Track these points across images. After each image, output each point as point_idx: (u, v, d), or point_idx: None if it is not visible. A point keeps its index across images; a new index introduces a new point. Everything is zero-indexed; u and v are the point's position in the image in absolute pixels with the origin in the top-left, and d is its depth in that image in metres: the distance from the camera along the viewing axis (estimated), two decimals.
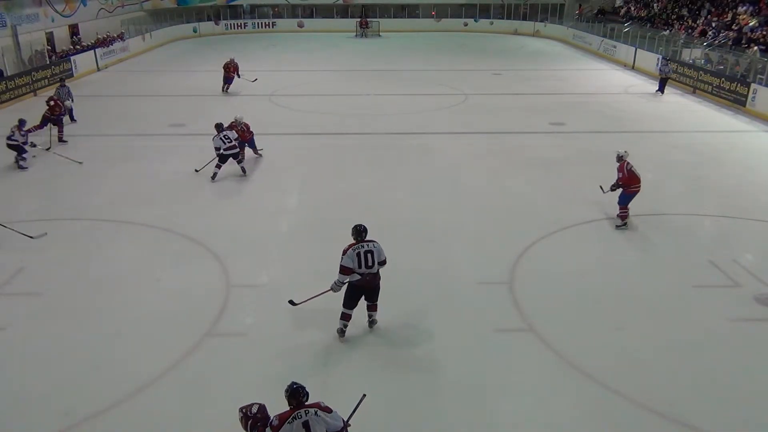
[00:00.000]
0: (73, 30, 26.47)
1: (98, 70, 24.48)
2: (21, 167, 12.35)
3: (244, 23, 38.58)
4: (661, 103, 18.95)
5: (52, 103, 14.08)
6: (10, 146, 12.34)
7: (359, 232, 6.58)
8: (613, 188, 9.66)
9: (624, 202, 9.62)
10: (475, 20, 39.49)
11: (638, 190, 9.56)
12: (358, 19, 37.37)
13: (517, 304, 7.48)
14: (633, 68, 25.00)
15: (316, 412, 4.36)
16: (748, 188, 11.57)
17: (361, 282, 6.49)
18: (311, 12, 39.45)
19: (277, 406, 4.50)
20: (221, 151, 11.46)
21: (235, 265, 8.40)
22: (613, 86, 21.86)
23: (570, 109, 17.84)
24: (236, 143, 11.65)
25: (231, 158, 11.61)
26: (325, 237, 9.38)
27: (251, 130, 12.84)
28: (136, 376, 6.13)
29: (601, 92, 20.73)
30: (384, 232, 9.50)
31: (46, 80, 20.36)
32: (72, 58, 22.78)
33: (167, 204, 10.68)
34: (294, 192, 11.35)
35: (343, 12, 39.52)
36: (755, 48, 19.79)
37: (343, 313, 6.69)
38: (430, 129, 15.83)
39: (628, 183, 9.48)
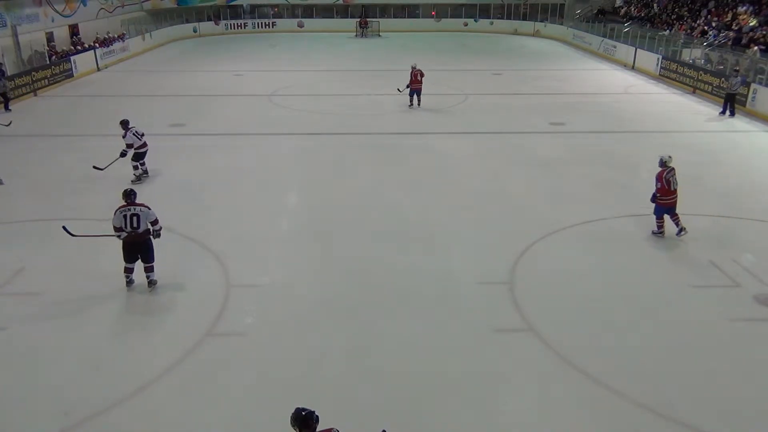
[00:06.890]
0: (73, 30, 26.46)
1: (98, 70, 24.49)
2: None
3: (244, 23, 38.59)
4: (661, 103, 18.93)
5: None
6: None
7: (128, 194, 7.58)
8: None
9: (657, 213, 9.14)
10: (475, 20, 39.48)
11: (669, 204, 8.97)
12: (358, 19, 37.38)
13: (517, 304, 7.48)
14: (633, 68, 24.99)
15: None
16: (748, 188, 11.56)
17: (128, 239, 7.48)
18: (311, 12, 39.44)
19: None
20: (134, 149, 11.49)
21: (235, 265, 8.40)
22: (613, 86, 21.85)
23: (570, 109, 17.83)
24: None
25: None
26: (325, 237, 9.41)
27: None
28: (136, 376, 6.13)
29: (601, 92, 20.72)
30: (384, 232, 9.59)
31: (46, 80, 20.39)
32: (72, 58, 22.77)
33: (167, 204, 10.66)
34: (294, 192, 11.35)
35: (343, 12, 39.51)
36: (755, 48, 19.78)
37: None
38: (430, 129, 15.82)
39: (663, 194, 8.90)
